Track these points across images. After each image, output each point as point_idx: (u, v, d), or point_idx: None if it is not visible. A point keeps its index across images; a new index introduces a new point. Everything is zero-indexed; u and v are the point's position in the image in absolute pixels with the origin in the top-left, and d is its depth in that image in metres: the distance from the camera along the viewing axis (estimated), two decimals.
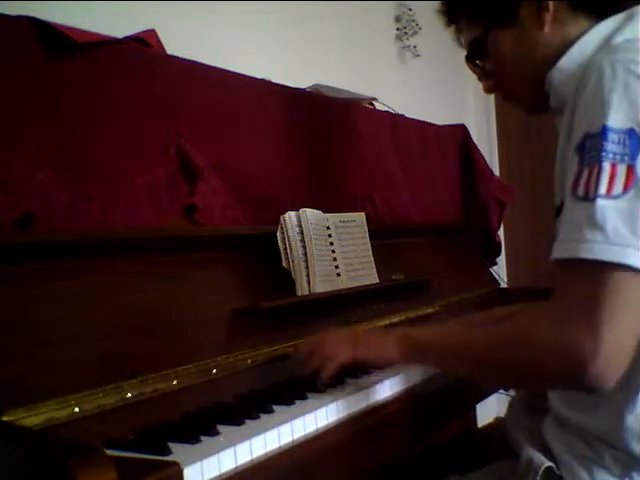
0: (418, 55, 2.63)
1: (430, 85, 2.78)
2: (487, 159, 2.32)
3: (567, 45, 1.00)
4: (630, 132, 0.82)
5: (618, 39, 0.95)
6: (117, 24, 1.30)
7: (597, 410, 0.93)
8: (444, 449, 1.35)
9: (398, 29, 2.59)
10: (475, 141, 2.26)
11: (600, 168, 0.83)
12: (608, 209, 0.81)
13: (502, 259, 2.34)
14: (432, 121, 2.12)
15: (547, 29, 1.02)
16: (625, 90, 0.83)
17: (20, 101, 0.98)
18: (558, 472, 0.97)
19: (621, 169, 0.82)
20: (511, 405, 1.23)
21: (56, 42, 1.03)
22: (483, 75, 1.14)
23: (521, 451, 1.03)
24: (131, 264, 1.07)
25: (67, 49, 1.04)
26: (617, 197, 0.81)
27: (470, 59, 1.13)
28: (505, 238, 2.84)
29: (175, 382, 1.01)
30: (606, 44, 0.96)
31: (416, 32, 2.59)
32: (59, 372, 0.89)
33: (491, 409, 1.95)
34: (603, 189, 0.82)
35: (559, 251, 0.85)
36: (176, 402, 0.99)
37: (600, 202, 0.81)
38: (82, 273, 1.00)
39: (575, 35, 1.00)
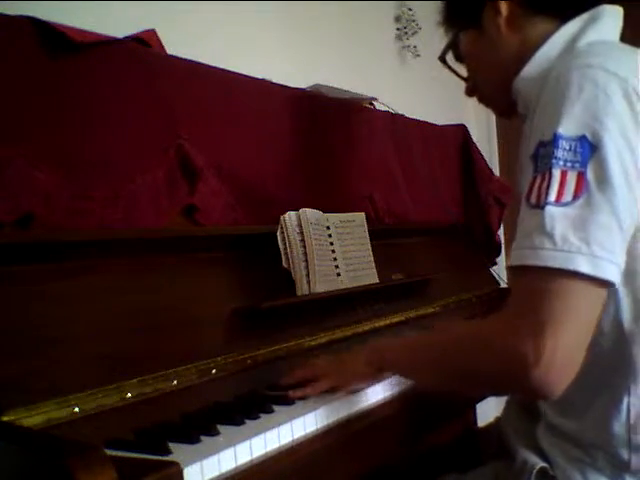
0: (418, 55, 2.63)
1: (430, 85, 2.77)
2: (487, 159, 2.32)
3: (529, 49, 1.00)
4: (581, 139, 0.82)
5: (582, 42, 0.95)
6: (117, 24, 1.30)
7: (586, 417, 0.94)
8: (445, 449, 1.35)
9: (398, 29, 2.59)
10: (475, 141, 2.26)
11: (550, 175, 0.83)
12: (557, 216, 0.81)
13: (502, 259, 2.34)
14: (432, 121, 2.12)
15: (504, 32, 1.03)
16: (579, 96, 0.83)
17: (20, 101, 0.98)
18: (552, 473, 0.97)
19: (571, 176, 0.82)
20: (507, 407, 1.23)
21: (56, 42, 1.02)
22: (458, 77, 1.18)
23: (516, 452, 1.03)
24: (131, 264, 1.07)
25: (67, 49, 1.04)
26: (566, 204, 0.81)
27: (442, 59, 1.18)
28: (505, 238, 2.84)
29: (175, 382, 1.00)
30: (570, 48, 0.96)
31: (416, 32, 2.59)
32: (59, 372, 0.89)
33: (491, 409, 1.95)
34: (553, 196, 0.82)
35: (512, 259, 0.85)
36: (176, 402, 0.99)
37: (549, 209, 0.81)
38: (82, 273, 1.00)
39: (536, 38, 1.00)
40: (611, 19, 0.98)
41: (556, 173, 0.82)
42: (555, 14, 0.99)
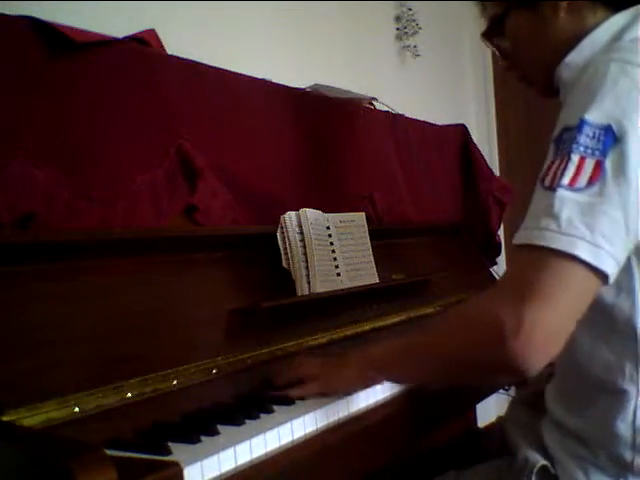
0: (418, 55, 2.63)
1: (430, 85, 2.77)
2: (487, 159, 2.32)
3: (581, 35, 0.99)
4: (606, 128, 0.82)
5: (625, 37, 0.94)
6: (117, 24, 1.30)
7: (590, 415, 0.94)
8: (445, 448, 1.35)
9: (398, 29, 2.58)
10: (475, 141, 2.26)
11: (568, 159, 0.82)
12: (567, 200, 0.81)
13: (502, 259, 2.34)
14: (432, 121, 2.12)
15: (563, 15, 1.01)
16: (612, 87, 0.83)
17: (20, 101, 0.98)
18: (553, 471, 0.97)
19: (589, 163, 0.82)
20: (512, 405, 1.23)
21: (56, 42, 1.02)
22: (500, 54, 1.14)
23: (518, 450, 1.03)
24: (131, 264, 1.07)
25: (67, 49, 1.04)
26: (579, 190, 0.81)
27: (487, 36, 1.13)
28: (505, 238, 2.84)
29: (175, 382, 1.00)
30: (614, 42, 0.95)
31: (416, 32, 2.59)
32: (59, 372, 0.89)
33: (491, 409, 1.95)
34: (567, 180, 0.82)
35: (517, 238, 0.85)
36: (176, 402, 0.99)
37: (560, 192, 0.81)
38: (82, 273, 1.00)
39: (590, 25, 0.99)
40: None
41: (574, 158, 0.82)
42: (613, 3, 0.98)
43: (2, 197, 0.92)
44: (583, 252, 0.78)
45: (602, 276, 0.80)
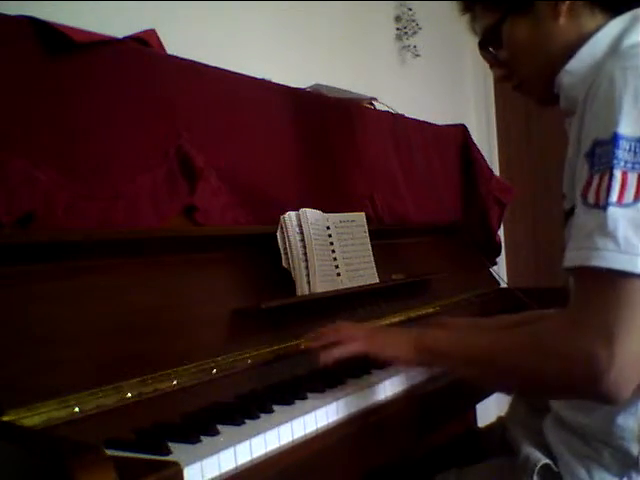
0: (418, 55, 2.63)
1: (430, 85, 2.77)
2: (487, 159, 2.32)
3: (580, 40, 0.99)
4: None
5: (626, 42, 0.94)
6: (117, 24, 1.30)
7: (596, 410, 0.93)
8: (446, 448, 1.35)
9: (398, 29, 2.59)
10: (475, 141, 2.26)
11: (611, 175, 0.82)
12: (619, 217, 0.81)
13: (502, 259, 2.34)
14: (432, 121, 2.12)
15: (562, 21, 1.00)
16: (635, 97, 0.83)
17: (20, 101, 0.98)
18: (556, 469, 0.97)
19: (632, 178, 0.81)
20: (513, 404, 1.23)
21: (56, 42, 1.02)
22: (495, 63, 1.13)
23: (520, 448, 1.03)
24: (131, 264, 1.07)
25: (67, 49, 1.04)
26: (628, 206, 0.81)
27: (483, 46, 1.12)
28: (505, 238, 2.84)
29: (175, 382, 1.01)
30: (615, 47, 0.95)
31: (416, 32, 2.59)
32: (59, 372, 0.89)
33: (491, 409, 1.95)
34: (615, 197, 0.81)
35: (572, 259, 0.84)
36: (176, 402, 0.99)
37: (611, 210, 0.81)
38: (82, 273, 1.00)
39: (589, 30, 0.99)
40: None
41: (617, 174, 0.82)
42: (612, 8, 0.98)
43: (2, 197, 0.92)
44: None
45: None
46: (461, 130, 2.22)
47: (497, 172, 3.06)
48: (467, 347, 1.01)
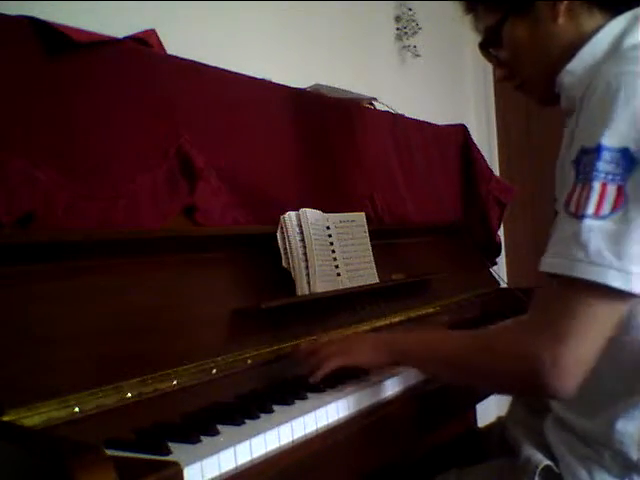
0: (418, 55, 2.63)
1: (430, 85, 2.77)
2: (487, 159, 2.32)
3: (580, 40, 0.99)
4: (624, 152, 0.82)
5: (627, 43, 0.94)
6: (117, 24, 1.30)
7: (597, 414, 0.94)
8: (446, 448, 1.35)
9: (398, 29, 2.58)
10: (475, 141, 2.26)
11: (590, 187, 0.83)
12: (594, 229, 0.82)
13: (502, 259, 2.34)
14: (432, 121, 2.12)
15: (561, 21, 1.01)
16: (625, 106, 0.83)
17: (20, 101, 0.98)
18: (557, 470, 0.97)
19: (611, 189, 0.82)
20: (513, 404, 1.23)
21: (56, 42, 1.02)
22: (497, 63, 1.13)
23: (520, 450, 1.03)
24: (131, 264, 1.07)
25: (67, 49, 1.04)
26: (604, 217, 0.82)
27: (484, 47, 1.13)
28: (505, 238, 2.84)
29: (175, 382, 1.01)
30: (616, 47, 0.95)
31: (416, 32, 2.59)
32: (59, 372, 0.89)
33: (491, 409, 1.95)
34: (591, 209, 0.83)
35: (545, 264, 0.87)
36: (176, 402, 0.99)
37: (587, 222, 0.83)
38: (82, 273, 1.00)
39: (590, 30, 0.99)
40: None
41: (596, 186, 0.83)
42: (611, 8, 0.98)
43: (2, 197, 0.92)
44: (613, 280, 0.80)
45: (633, 295, 0.82)
46: (461, 130, 2.22)
47: (497, 172, 3.06)
48: (428, 347, 1.06)
